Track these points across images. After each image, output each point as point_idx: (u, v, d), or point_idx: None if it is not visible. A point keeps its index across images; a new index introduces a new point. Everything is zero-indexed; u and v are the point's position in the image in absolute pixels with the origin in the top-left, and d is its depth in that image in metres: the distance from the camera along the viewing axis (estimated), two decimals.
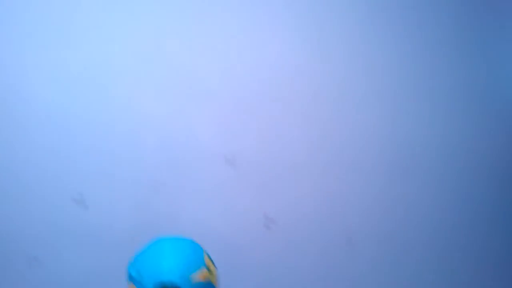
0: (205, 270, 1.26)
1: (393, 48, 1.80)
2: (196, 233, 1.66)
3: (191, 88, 1.69)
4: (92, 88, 1.64)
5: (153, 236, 1.63)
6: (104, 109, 1.64)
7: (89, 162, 1.62)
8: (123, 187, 1.64)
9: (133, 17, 1.66)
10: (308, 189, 1.73)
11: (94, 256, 1.61)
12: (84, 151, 1.62)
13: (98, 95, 1.64)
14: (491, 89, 1.88)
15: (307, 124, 1.75)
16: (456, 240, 1.80)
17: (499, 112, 1.88)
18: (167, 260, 1.23)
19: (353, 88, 1.77)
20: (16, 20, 1.60)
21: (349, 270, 1.73)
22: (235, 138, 1.72)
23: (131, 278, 1.23)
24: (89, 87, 1.63)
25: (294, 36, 1.75)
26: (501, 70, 1.87)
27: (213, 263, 1.32)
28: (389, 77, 1.79)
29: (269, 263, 1.70)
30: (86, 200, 1.62)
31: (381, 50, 1.79)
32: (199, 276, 1.23)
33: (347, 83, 1.77)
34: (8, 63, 1.59)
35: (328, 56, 1.76)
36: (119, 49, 1.65)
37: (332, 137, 1.76)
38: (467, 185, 1.83)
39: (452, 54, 1.84)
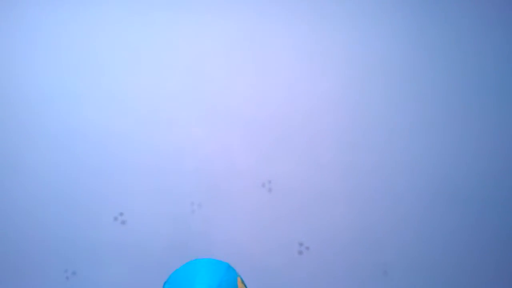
0: None
1: (429, 77, 1.80)
2: (229, 254, 1.68)
3: (230, 116, 1.75)
4: (137, 113, 1.72)
5: (188, 255, 1.67)
6: (147, 133, 1.72)
7: (131, 183, 1.70)
8: (161, 207, 1.70)
9: (175, 44, 1.75)
10: (342, 215, 1.73)
11: (131, 272, 1.66)
12: (126, 172, 1.70)
13: (142, 120, 1.72)
14: None
15: (341, 150, 1.76)
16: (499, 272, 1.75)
17: None
18: (201, 281, 1.25)
19: (386, 116, 1.77)
20: (62, 44, 1.71)
21: None
22: (271, 164, 1.74)
23: None
24: (134, 112, 1.72)
25: (328, 64, 1.78)
26: None
27: (245, 286, 1.34)
28: (422, 106, 1.79)
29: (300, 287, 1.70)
30: (126, 218, 1.68)
31: (416, 80, 1.79)
32: None
33: (380, 111, 1.78)
34: (56, 88, 1.70)
35: (363, 86, 1.78)
36: (163, 75, 1.74)
37: (366, 164, 1.76)
38: (505, 215, 1.77)
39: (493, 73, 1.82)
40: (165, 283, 1.31)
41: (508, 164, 1.77)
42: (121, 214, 1.68)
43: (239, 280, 1.32)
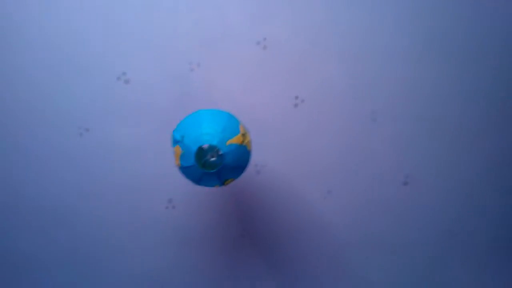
0: (240, 136, 1.39)
1: None
2: (229, 110, 1.77)
3: None
4: None
5: (192, 110, 1.76)
6: None
7: (131, 44, 1.73)
8: (162, 67, 1.74)
9: None
10: (335, 69, 1.78)
11: (138, 126, 1.77)
12: (126, 33, 1.72)
13: None
14: None
15: (337, 8, 1.76)
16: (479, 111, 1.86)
17: None
18: (207, 126, 1.35)
19: None
20: None
21: (371, 145, 1.82)
22: (266, 22, 1.75)
23: (176, 142, 1.37)
24: None
25: None
26: None
27: (247, 132, 1.44)
28: None
29: (296, 138, 1.81)
30: (129, 78, 1.75)
31: None
32: (235, 140, 1.36)
33: None
34: None
35: None
36: None
37: (362, 22, 1.77)
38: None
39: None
40: (174, 130, 1.41)
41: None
42: (124, 73, 1.74)
43: (241, 125, 1.43)
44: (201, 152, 1.31)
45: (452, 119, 1.83)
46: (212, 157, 1.30)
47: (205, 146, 1.30)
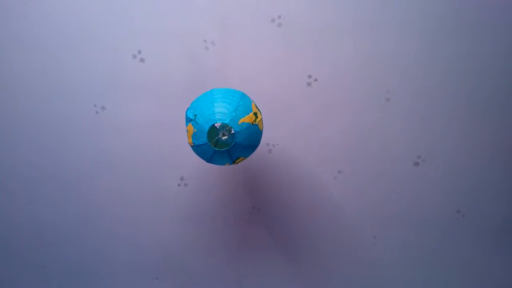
0: (252, 115, 1.40)
1: None
2: (243, 88, 1.77)
3: None
4: None
5: (206, 88, 1.77)
6: None
7: (147, 22, 1.74)
8: (177, 46, 1.75)
9: None
10: (348, 48, 1.77)
11: (154, 104, 1.80)
12: (142, 11, 1.73)
13: None
14: None
15: None
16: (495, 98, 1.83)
17: None
18: (221, 105, 1.37)
19: None
20: None
21: (384, 125, 1.82)
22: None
23: (189, 120, 1.39)
24: None
25: None
26: None
27: (259, 111, 1.46)
28: None
29: (308, 117, 1.81)
30: (144, 56, 1.76)
31: None
32: (247, 119, 1.38)
33: None
34: None
35: None
36: None
37: (376, 2, 1.75)
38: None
39: None
40: (188, 109, 1.43)
41: None
42: (139, 51, 1.76)
43: (253, 105, 1.44)
44: (213, 131, 1.33)
45: (464, 100, 1.81)
46: (224, 135, 1.32)
47: (217, 124, 1.32)
